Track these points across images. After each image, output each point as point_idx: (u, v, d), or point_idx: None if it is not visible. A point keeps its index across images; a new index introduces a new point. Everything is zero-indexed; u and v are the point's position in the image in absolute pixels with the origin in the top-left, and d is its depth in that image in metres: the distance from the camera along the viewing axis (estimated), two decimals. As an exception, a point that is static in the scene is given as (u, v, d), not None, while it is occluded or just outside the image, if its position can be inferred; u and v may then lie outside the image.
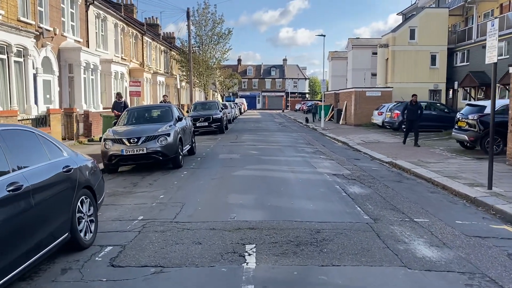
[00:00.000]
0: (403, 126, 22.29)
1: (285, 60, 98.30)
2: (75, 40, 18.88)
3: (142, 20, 39.37)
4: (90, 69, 18.89)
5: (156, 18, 44.38)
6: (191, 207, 6.88)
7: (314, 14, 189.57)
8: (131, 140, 10.12)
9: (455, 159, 12.31)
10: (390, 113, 22.74)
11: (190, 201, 7.27)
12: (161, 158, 10.29)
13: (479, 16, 31.40)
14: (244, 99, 70.26)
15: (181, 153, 11.11)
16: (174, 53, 40.55)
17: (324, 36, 28.46)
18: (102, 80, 21.66)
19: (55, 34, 17.11)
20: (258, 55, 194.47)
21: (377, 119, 25.41)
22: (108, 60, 21.33)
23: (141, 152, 10.04)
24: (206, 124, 21.80)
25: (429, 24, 32.76)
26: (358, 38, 56.70)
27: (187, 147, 12.62)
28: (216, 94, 63.51)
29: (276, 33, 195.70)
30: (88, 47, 20.02)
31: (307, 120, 38.21)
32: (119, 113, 13.41)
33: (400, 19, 48.01)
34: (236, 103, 52.67)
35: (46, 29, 16.29)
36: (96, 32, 21.85)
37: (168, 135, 10.41)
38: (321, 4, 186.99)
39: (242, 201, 7.28)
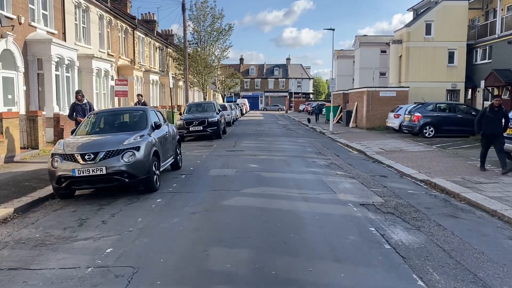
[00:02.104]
0: (424, 131, 19.68)
1: (288, 59, 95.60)
2: (47, 32, 16.26)
3: (139, 17, 36.81)
4: (65, 65, 16.26)
5: (153, 14, 41.80)
6: (145, 280, 4.21)
7: (318, 14, 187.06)
8: (86, 157, 7.45)
9: (511, 177, 9.62)
10: (409, 116, 20.02)
11: (148, 265, 4.58)
12: (127, 180, 7.63)
13: (503, 9, 28.60)
14: (246, 100, 67.68)
15: (157, 172, 8.45)
16: (170, 50, 37.92)
17: (334, 30, 25.78)
18: (83, 78, 19.05)
19: (20, 23, 14.49)
20: (262, 55, 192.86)
21: (393, 122, 22.71)
22: (89, 56, 18.68)
23: (99, 172, 7.38)
24: (201, 128, 19.15)
25: (447, 18, 30.05)
26: (366, 35, 54.02)
27: (170, 160, 9.97)
28: (216, 94, 60.88)
29: (280, 33, 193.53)
30: (65, 40, 17.41)
31: (309, 121, 35.78)
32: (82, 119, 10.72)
33: (408, 17, 45.17)
34: (237, 104, 50.06)
35: (7, 17, 13.66)
36: (76, 24, 19.24)
37: (137, 149, 7.75)
38: (326, 4, 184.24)
39: (230, 264, 4.58)
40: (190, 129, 19.10)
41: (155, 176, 8.24)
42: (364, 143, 17.80)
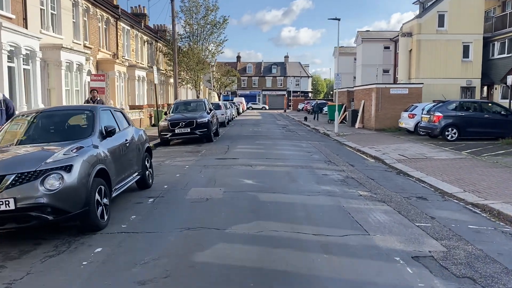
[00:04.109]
0: (446, 133, 17.05)
1: (286, 57, 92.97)
2: (1, 16, 13.55)
3: (128, 10, 34.07)
4: (22, 56, 13.52)
5: (144, 7, 39.08)
6: None
7: (317, 13, 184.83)
8: (-17, 183, 4.78)
9: None
10: (428, 116, 17.39)
11: None
12: (51, 218, 4.96)
13: (524, -2, 26.09)
14: (243, 98, 65.11)
15: (105, 200, 5.77)
16: (160, 44, 35.17)
17: (339, 19, 23.10)
18: (51, 72, 16.35)
19: (-39, 3, 11.83)
20: (260, 54, 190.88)
21: (408, 123, 20.11)
22: (56, 46, 15.92)
23: (3, 208, 4.72)
24: (188, 130, 16.47)
25: (461, 9, 27.45)
26: (368, 31, 51.31)
27: (133, 178, 7.31)
28: (212, 92, 58.16)
29: (278, 32, 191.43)
30: (26, 27, 14.70)
31: (306, 119, 33.58)
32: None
33: (407, 15, 42.57)
34: (234, 103, 47.48)
35: None
36: (43, 10, 16.51)
37: (68, 168, 5.07)
38: (325, 3, 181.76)
39: None
40: (176, 132, 16.44)
41: (100, 208, 5.56)
42: (378, 147, 15.20)
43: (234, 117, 38.37)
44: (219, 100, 51.38)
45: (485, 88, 28.95)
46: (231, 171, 10.16)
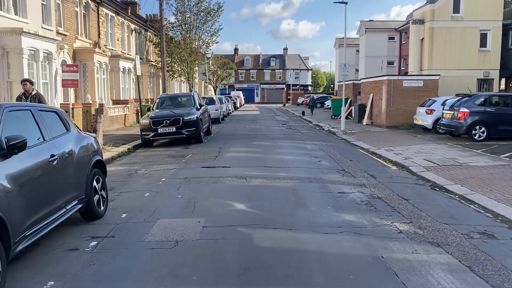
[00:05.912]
0: (474, 132, 14.75)
1: (285, 49, 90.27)
2: None
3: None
4: (-35, 40, 11.19)
5: (134, -6, 36.46)
6: None
7: (316, 6, 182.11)
8: None
9: None
10: (451, 112, 15.03)
11: None
12: None
13: (548, -19, 23.65)
14: (240, 92, 62.76)
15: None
16: (150, 34, 32.64)
17: (346, 3, 20.64)
18: (11, 61, 13.94)
19: None
20: (259, 47, 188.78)
21: (425, 119, 17.78)
22: (16, 31, 13.49)
23: None
24: (174, 129, 14.11)
25: (479, -7, 25.03)
26: (372, 20, 48.78)
27: (67, 210, 4.98)
28: (208, 86, 55.67)
29: (277, 25, 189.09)
30: (-24, 7, 12.29)
31: (303, 114, 31.55)
32: None
33: (407, 8, 40.11)
34: (231, 97, 45.11)
35: None
36: (2, -12, 14.08)
37: None
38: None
39: None
40: (159, 131, 14.08)
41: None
42: (396, 149, 12.90)
43: (230, 112, 36.01)
44: (215, 94, 48.92)
45: (504, 80, 26.59)
46: (218, 187, 7.80)
